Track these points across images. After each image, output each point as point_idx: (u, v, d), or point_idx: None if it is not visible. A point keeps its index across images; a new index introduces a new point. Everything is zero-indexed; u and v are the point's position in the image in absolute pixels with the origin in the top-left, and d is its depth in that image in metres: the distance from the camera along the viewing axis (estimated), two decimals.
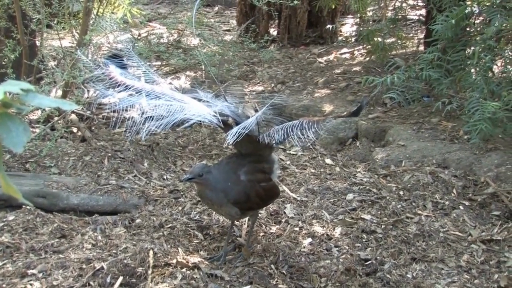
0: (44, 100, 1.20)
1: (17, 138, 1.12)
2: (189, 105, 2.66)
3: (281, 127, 2.61)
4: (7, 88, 1.12)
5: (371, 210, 3.32)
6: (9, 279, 2.56)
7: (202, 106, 2.69)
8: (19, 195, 1.22)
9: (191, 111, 2.60)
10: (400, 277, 2.74)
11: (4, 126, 1.12)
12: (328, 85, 5.86)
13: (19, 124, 1.13)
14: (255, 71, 6.69)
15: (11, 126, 1.13)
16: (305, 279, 2.72)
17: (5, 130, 1.11)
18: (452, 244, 3.01)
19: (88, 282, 2.53)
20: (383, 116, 4.85)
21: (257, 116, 2.58)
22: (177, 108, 2.60)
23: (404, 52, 6.29)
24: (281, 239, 3.06)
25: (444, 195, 3.45)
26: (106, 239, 2.98)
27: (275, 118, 2.69)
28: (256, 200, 2.77)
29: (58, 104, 1.33)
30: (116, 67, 2.75)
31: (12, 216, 3.12)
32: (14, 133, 1.12)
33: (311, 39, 7.85)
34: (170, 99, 2.66)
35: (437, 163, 3.83)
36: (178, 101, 2.66)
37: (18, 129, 1.13)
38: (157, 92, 2.70)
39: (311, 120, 2.61)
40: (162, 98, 2.66)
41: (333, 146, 4.69)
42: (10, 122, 1.13)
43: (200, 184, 2.72)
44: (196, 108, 2.65)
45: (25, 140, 1.12)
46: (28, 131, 1.14)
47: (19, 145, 1.11)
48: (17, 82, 1.19)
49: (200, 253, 2.91)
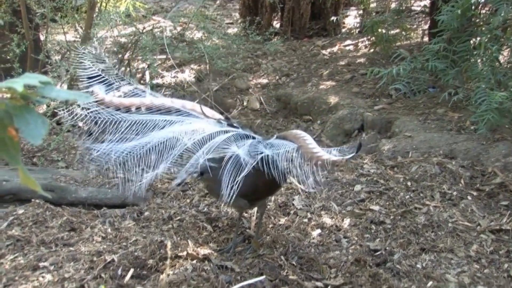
0: (61, 93, 1.20)
1: (35, 130, 1.12)
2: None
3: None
4: (26, 81, 1.12)
5: (379, 201, 3.33)
6: (21, 272, 2.57)
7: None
8: (39, 188, 1.23)
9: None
10: (410, 267, 2.74)
11: (23, 119, 1.12)
12: (333, 77, 5.86)
13: (37, 117, 1.13)
14: (259, 64, 6.68)
15: (29, 119, 1.13)
16: (315, 270, 2.72)
17: (24, 122, 1.12)
18: (461, 234, 3.01)
19: (100, 274, 2.54)
20: (389, 108, 4.85)
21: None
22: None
23: (408, 43, 6.29)
24: (290, 231, 3.06)
25: (452, 185, 3.45)
26: (116, 232, 2.98)
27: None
28: (264, 189, 2.76)
29: (76, 97, 1.33)
30: (99, 87, 2.67)
31: (22, 209, 3.12)
32: (32, 125, 1.12)
33: (314, 31, 7.83)
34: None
35: (444, 153, 3.83)
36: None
37: (37, 122, 1.13)
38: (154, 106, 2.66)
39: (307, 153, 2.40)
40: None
41: (339, 137, 4.70)
42: (29, 115, 1.13)
43: (207, 180, 2.69)
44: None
45: (44, 132, 1.12)
46: (46, 124, 1.14)
47: (37, 138, 1.11)
48: (36, 75, 1.19)
49: (210, 245, 2.92)
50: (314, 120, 5.20)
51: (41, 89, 1.15)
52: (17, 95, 1.12)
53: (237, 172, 2.40)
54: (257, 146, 2.50)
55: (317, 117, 5.17)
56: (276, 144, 2.51)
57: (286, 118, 5.45)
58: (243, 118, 5.45)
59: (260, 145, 2.51)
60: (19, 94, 1.12)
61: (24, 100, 1.14)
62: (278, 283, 2.59)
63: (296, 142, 2.45)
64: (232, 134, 2.58)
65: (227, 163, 2.44)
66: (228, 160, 2.45)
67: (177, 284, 2.52)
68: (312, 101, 5.30)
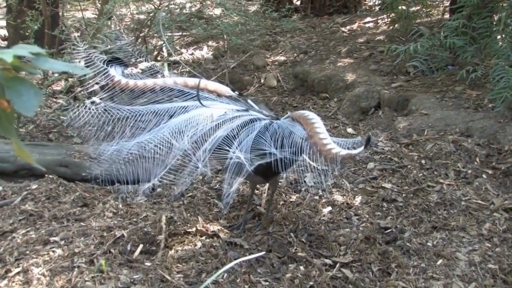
0: (55, 64, 1.19)
1: (28, 102, 1.10)
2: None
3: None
4: (17, 52, 1.11)
5: (392, 179, 3.30)
6: (33, 246, 2.59)
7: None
8: (32, 160, 1.22)
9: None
10: (420, 246, 2.72)
11: (15, 90, 1.11)
12: (351, 55, 5.79)
13: (30, 88, 1.12)
14: (277, 41, 6.63)
15: (22, 90, 1.11)
16: (325, 247, 2.72)
17: (16, 94, 1.10)
18: (474, 212, 2.97)
19: (109, 250, 2.56)
20: (406, 85, 4.79)
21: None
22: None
23: (429, 20, 6.18)
24: (300, 208, 3.05)
25: (467, 163, 3.41)
26: (127, 207, 3.00)
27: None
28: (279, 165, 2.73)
29: (69, 68, 1.33)
30: (116, 69, 2.70)
31: (35, 185, 3.16)
32: (25, 97, 1.10)
33: (334, 8, 7.75)
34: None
35: (460, 131, 3.78)
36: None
37: (29, 93, 1.11)
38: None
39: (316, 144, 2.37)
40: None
41: (355, 115, 4.65)
42: (21, 86, 1.12)
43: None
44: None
45: (36, 104, 1.11)
46: (39, 95, 1.13)
47: (30, 109, 1.10)
48: (27, 45, 1.19)
49: (220, 222, 2.92)
50: (330, 98, 5.16)
51: (34, 60, 1.14)
52: (9, 66, 1.11)
53: (238, 174, 2.39)
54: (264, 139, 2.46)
55: (333, 95, 5.12)
56: (285, 130, 2.48)
57: (303, 96, 5.41)
58: (260, 95, 5.43)
59: (267, 135, 2.48)
60: (11, 65, 1.11)
61: (17, 71, 1.14)
62: (286, 260, 2.59)
63: (306, 128, 2.42)
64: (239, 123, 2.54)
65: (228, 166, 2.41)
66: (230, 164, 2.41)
67: (185, 260, 2.53)
68: (329, 78, 5.25)
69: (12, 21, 5.31)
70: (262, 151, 2.42)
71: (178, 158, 2.47)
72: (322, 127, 2.41)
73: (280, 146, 2.42)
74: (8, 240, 2.66)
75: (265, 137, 2.47)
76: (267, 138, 2.46)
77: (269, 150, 2.41)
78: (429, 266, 2.57)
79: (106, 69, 2.66)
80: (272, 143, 2.43)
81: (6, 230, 2.74)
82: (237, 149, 2.41)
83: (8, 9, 5.88)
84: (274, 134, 2.47)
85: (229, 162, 2.38)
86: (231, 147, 2.42)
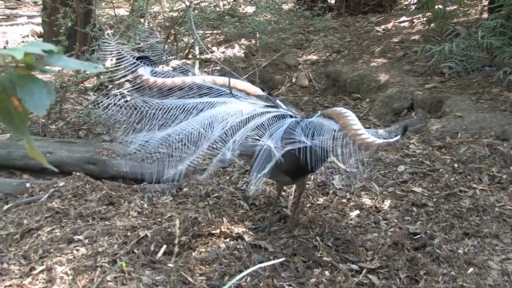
0: (69, 62, 1.16)
1: (39, 100, 1.08)
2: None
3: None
4: (28, 49, 1.08)
5: (422, 183, 3.21)
6: (57, 244, 2.59)
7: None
8: (43, 160, 1.20)
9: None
10: (451, 253, 2.63)
11: (27, 88, 1.09)
12: (385, 54, 5.70)
13: (42, 87, 1.09)
14: (309, 40, 6.57)
15: (34, 89, 1.09)
16: (351, 252, 2.65)
17: (27, 92, 1.08)
18: (508, 219, 2.86)
19: (132, 250, 2.54)
20: (441, 86, 4.67)
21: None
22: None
23: (466, 20, 6.04)
24: (327, 211, 2.99)
25: (501, 168, 3.29)
26: (152, 207, 2.98)
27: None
28: (307, 167, 2.67)
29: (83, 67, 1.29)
30: (145, 68, 2.69)
31: (63, 182, 3.16)
32: (36, 95, 1.08)
33: (369, 7, 7.66)
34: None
35: (496, 135, 3.66)
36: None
37: (41, 92, 1.09)
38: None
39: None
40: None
41: (387, 116, 4.57)
42: (33, 84, 1.10)
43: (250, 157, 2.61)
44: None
45: (48, 103, 1.08)
46: (51, 94, 1.10)
47: (41, 108, 1.07)
48: (40, 43, 1.16)
49: (245, 223, 2.88)
50: (363, 98, 5.07)
51: (48, 58, 1.12)
52: (21, 63, 1.09)
53: (267, 162, 2.33)
54: (294, 131, 2.42)
55: (366, 95, 5.04)
56: (316, 124, 2.43)
57: (334, 96, 5.34)
58: (291, 95, 5.37)
59: (298, 128, 2.43)
60: (24, 63, 1.09)
61: (29, 69, 1.11)
62: (311, 264, 2.53)
63: (339, 121, 2.36)
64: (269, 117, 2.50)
65: (259, 154, 2.37)
66: (260, 152, 2.37)
67: (208, 262, 2.50)
68: (361, 78, 5.17)
69: (46, 18, 5.36)
70: (291, 140, 2.38)
71: (208, 148, 2.43)
72: (355, 120, 2.35)
73: (311, 136, 2.37)
74: (34, 238, 2.66)
75: (296, 130, 2.42)
76: (298, 131, 2.41)
77: (299, 138, 2.37)
78: (460, 274, 2.48)
79: (136, 64, 2.66)
80: (302, 135, 2.39)
81: (32, 227, 2.75)
82: (268, 139, 2.38)
83: (43, 6, 5.94)
84: (305, 129, 2.42)
85: (258, 149, 2.35)
86: (261, 138, 2.39)
